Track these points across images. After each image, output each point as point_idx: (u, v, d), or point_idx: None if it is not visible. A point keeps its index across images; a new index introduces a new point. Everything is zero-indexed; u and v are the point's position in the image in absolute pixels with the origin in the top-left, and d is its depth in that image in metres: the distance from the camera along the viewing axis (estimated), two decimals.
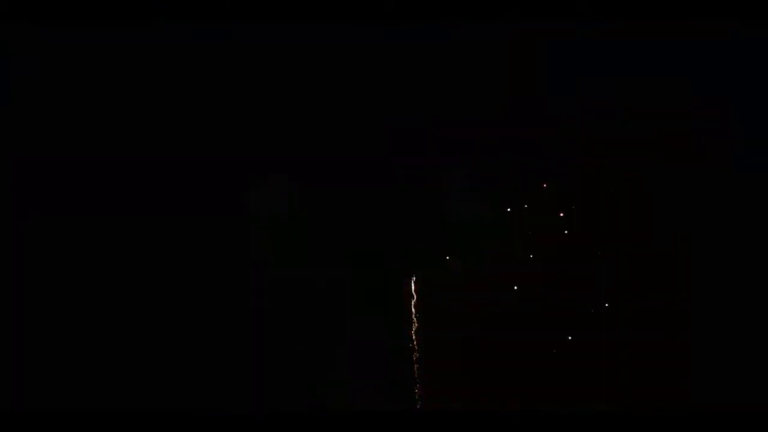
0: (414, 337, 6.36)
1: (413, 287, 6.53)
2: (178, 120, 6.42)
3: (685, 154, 6.35)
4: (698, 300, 6.16)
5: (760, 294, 6.11)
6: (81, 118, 6.35)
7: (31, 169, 6.28)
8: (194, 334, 6.16)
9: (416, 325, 6.40)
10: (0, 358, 5.97)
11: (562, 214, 6.53)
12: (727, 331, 6.05)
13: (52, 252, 6.21)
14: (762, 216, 6.20)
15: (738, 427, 5.42)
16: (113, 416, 5.53)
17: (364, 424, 5.52)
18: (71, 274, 6.21)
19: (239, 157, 6.50)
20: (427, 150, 6.58)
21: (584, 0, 6.00)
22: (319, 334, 6.32)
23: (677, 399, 5.81)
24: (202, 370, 6.05)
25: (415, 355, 6.29)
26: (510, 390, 6.03)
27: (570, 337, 6.23)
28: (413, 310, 6.45)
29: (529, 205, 6.58)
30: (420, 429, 5.60)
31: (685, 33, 6.21)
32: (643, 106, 6.43)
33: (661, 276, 6.28)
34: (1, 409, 5.59)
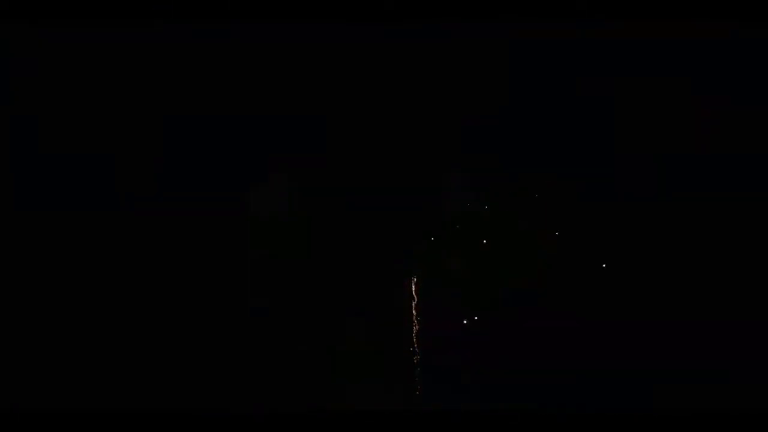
0: (415, 339, 6.36)
1: (413, 288, 6.52)
2: (178, 120, 6.44)
3: (685, 154, 6.36)
4: (695, 299, 6.17)
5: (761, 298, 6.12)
6: (81, 117, 6.36)
7: (31, 168, 6.29)
8: (194, 334, 6.16)
9: (417, 327, 6.40)
10: (0, 358, 5.96)
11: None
12: (726, 331, 6.06)
13: (52, 251, 6.22)
14: (762, 215, 6.21)
15: (737, 428, 5.42)
16: (113, 416, 5.52)
17: (364, 424, 5.51)
18: (71, 273, 6.21)
19: (239, 157, 6.51)
20: (427, 150, 6.59)
21: (584, 0, 6.00)
22: (319, 334, 6.32)
23: (677, 398, 5.81)
24: (202, 370, 6.04)
25: (416, 358, 6.29)
26: (510, 389, 6.03)
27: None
28: (414, 312, 6.45)
29: (528, 205, 6.59)
30: (420, 429, 5.59)
31: (685, 33, 6.22)
32: (643, 106, 6.44)
33: (660, 276, 6.29)
34: (1, 409, 5.59)
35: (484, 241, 6.60)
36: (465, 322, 6.39)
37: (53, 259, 6.22)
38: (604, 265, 6.35)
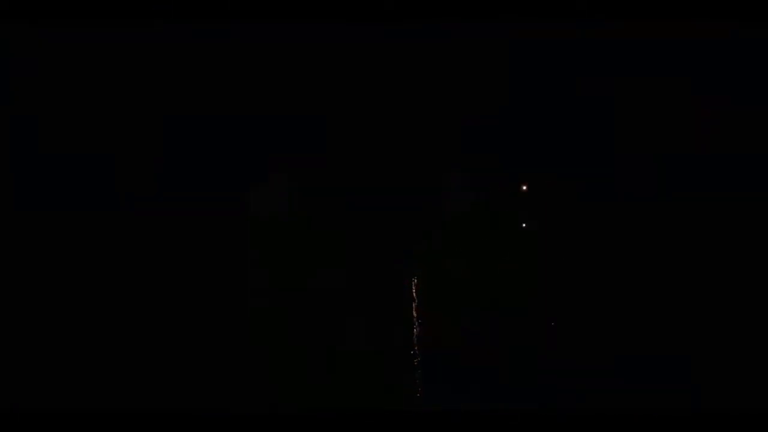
0: (415, 340, 6.36)
1: (414, 289, 6.52)
2: (178, 120, 6.44)
3: (685, 154, 6.37)
4: (695, 299, 6.17)
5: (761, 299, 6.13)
6: (81, 117, 6.36)
7: (31, 168, 6.29)
8: (194, 334, 6.17)
9: (417, 329, 6.40)
10: (0, 358, 5.97)
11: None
12: (726, 330, 6.06)
13: (52, 250, 6.22)
14: (762, 215, 6.21)
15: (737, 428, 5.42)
16: (113, 416, 5.52)
17: (364, 424, 5.52)
18: (71, 273, 6.21)
19: (239, 157, 6.51)
20: (427, 150, 6.59)
21: (584, 0, 6.01)
22: (319, 334, 6.32)
23: (677, 398, 5.82)
24: (202, 370, 6.05)
25: (416, 360, 6.29)
26: (510, 389, 6.04)
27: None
28: (414, 314, 6.45)
29: (528, 204, 6.59)
30: (420, 429, 5.59)
31: (685, 33, 6.22)
32: (643, 106, 6.44)
33: (660, 275, 6.29)
34: (1, 409, 5.59)
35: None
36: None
37: (53, 259, 6.22)
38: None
